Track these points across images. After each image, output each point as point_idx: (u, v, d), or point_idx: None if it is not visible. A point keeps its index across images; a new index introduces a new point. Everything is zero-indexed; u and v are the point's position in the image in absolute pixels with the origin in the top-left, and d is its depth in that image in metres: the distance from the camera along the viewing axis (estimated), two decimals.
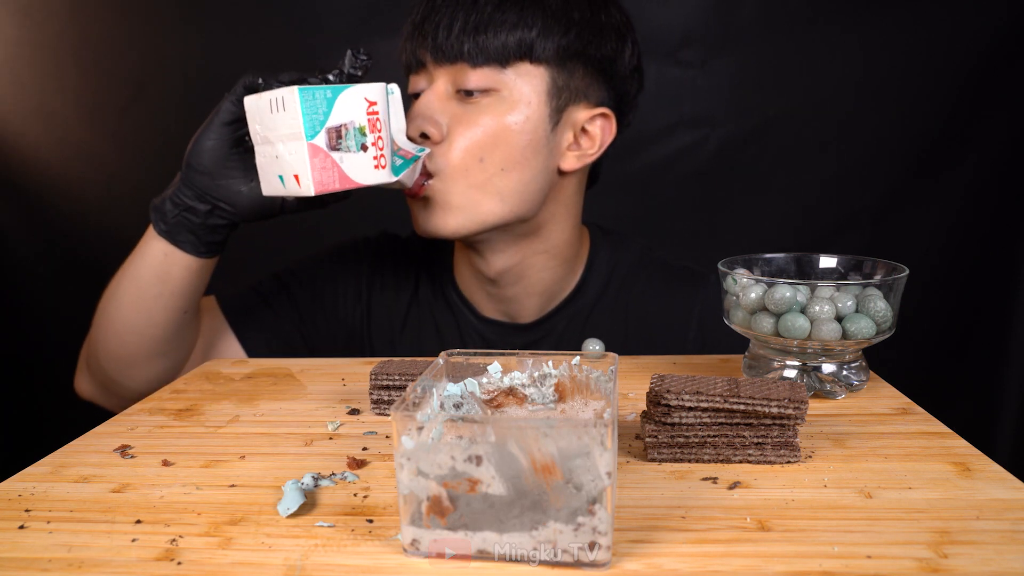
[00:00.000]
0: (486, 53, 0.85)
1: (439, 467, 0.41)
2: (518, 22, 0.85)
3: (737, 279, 0.69)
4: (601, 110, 0.92)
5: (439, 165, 0.86)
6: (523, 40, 0.85)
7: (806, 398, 0.54)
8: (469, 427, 0.41)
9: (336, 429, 0.64)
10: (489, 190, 0.87)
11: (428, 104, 0.86)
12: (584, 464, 0.40)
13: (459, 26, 0.84)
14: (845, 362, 0.69)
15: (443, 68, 0.86)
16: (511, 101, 0.86)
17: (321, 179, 0.73)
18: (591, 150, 0.93)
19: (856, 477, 0.53)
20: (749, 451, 0.55)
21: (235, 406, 0.71)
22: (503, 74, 0.85)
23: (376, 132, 0.76)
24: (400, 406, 0.44)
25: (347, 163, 0.75)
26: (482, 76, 0.85)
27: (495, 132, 0.86)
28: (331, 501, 0.51)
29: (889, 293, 0.66)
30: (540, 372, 0.55)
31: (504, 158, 0.87)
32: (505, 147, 0.87)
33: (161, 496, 0.52)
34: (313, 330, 1.02)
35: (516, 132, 0.87)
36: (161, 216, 0.82)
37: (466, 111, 0.86)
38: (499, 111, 0.86)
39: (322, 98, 0.73)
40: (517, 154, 0.87)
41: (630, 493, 0.51)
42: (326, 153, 0.73)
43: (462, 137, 0.85)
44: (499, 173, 0.87)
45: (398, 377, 0.67)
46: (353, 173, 0.75)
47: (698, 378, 0.57)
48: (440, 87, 0.87)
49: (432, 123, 0.85)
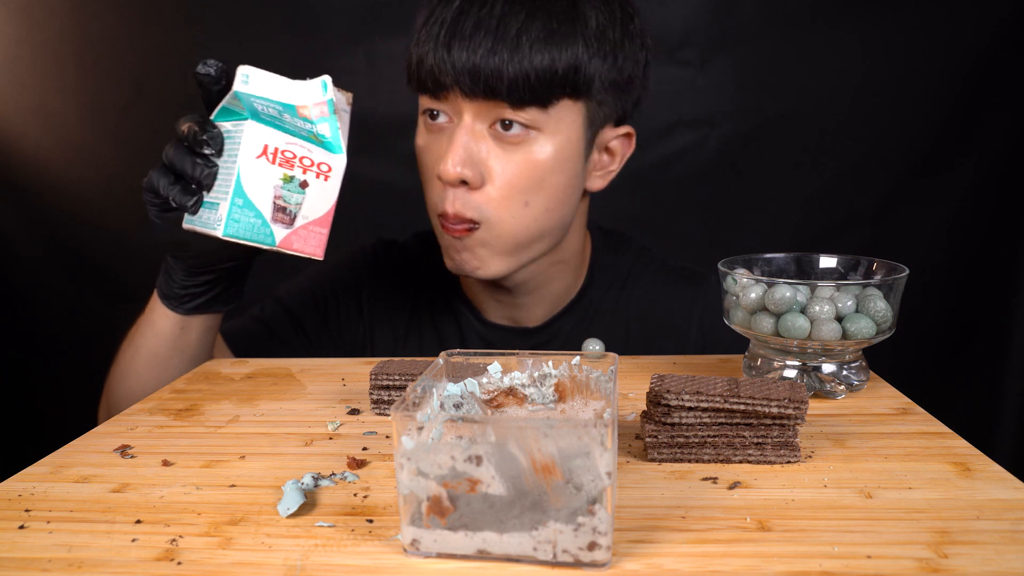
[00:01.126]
0: (529, 94, 0.79)
1: (439, 467, 0.41)
2: (561, 57, 0.79)
3: (737, 279, 0.69)
4: (626, 129, 0.91)
5: (484, 213, 0.82)
6: (568, 78, 0.80)
7: (806, 398, 0.54)
8: (469, 427, 0.41)
9: (336, 429, 0.64)
10: (534, 232, 0.86)
11: (465, 147, 0.81)
12: (584, 464, 0.40)
13: (498, 60, 0.78)
14: (845, 362, 0.69)
15: (476, 102, 0.80)
16: (552, 139, 0.82)
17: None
18: (612, 166, 0.92)
19: (856, 477, 0.53)
20: (749, 451, 0.55)
21: (235, 406, 0.71)
22: (545, 113, 0.81)
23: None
24: (400, 406, 0.44)
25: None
26: (523, 116, 0.80)
27: (538, 175, 0.83)
28: (331, 501, 0.51)
29: (889, 293, 0.66)
30: (540, 372, 0.55)
31: (547, 199, 0.84)
32: (549, 188, 0.84)
33: (161, 496, 0.52)
34: (321, 351, 1.01)
35: (558, 172, 0.84)
36: (179, 303, 0.82)
37: (505, 152, 0.81)
38: (541, 152, 0.82)
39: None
40: (560, 193, 0.86)
41: (630, 493, 0.51)
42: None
43: (506, 184, 0.82)
44: (543, 214, 0.85)
45: (398, 377, 0.67)
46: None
47: (698, 378, 0.57)
48: (470, 122, 0.81)
49: (471, 168, 0.81)
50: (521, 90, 0.78)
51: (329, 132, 0.72)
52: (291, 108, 0.71)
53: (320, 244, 0.74)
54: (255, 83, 0.70)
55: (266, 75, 0.71)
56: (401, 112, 0.95)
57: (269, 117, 0.70)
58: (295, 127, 0.71)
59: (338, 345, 1.03)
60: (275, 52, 1.55)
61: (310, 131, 0.72)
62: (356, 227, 1.65)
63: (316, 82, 0.72)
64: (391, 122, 1.51)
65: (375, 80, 1.53)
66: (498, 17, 0.78)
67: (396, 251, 1.08)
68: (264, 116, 0.70)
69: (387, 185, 1.57)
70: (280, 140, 0.71)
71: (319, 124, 0.72)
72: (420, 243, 1.07)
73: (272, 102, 0.70)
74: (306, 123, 0.71)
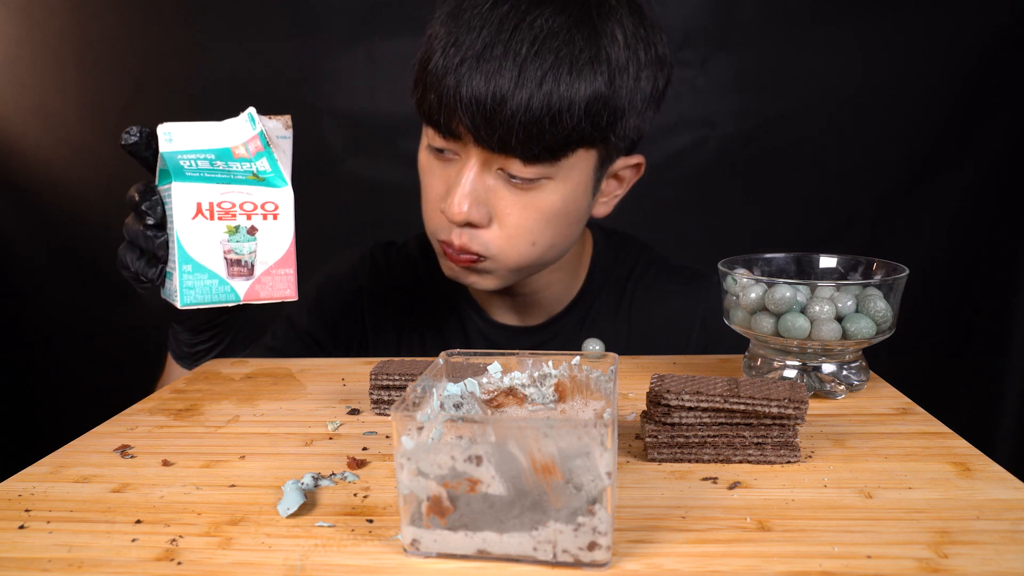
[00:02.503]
0: (542, 151, 0.76)
1: (439, 467, 0.41)
2: (584, 115, 0.74)
3: (737, 279, 0.69)
4: (637, 160, 0.89)
5: (491, 250, 0.82)
6: (586, 136, 0.77)
7: (806, 398, 0.54)
8: (469, 427, 0.41)
9: (336, 429, 0.64)
10: (539, 262, 0.87)
11: (473, 187, 0.79)
12: (584, 464, 0.40)
13: (511, 113, 0.73)
14: (845, 362, 0.69)
15: (484, 151, 0.78)
16: (562, 186, 0.81)
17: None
18: (619, 191, 0.92)
19: (856, 477, 0.53)
20: (749, 451, 0.55)
21: (235, 406, 0.70)
22: (556, 165, 0.79)
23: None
24: (400, 406, 0.44)
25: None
26: (534, 170, 0.78)
27: (546, 218, 0.82)
28: (331, 501, 0.51)
29: (889, 293, 0.66)
30: (540, 372, 0.55)
31: (554, 236, 0.84)
32: (556, 228, 0.84)
33: (161, 496, 0.52)
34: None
35: (564, 212, 0.83)
36: (191, 360, 0.87)
37: (513, 195, 0.80)
38: (549, 197, 0.81)
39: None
40: (566, 230, 0.86)
41: (630, 493, 0.51)
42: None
43: (514, 225, 0.81)
44: (548, 249, 0.86)
45: (398, 377, 0.67)
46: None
47: (698, 378, 0.57)
48: (476, 163, 0.79)
49: (478, 209, 0.79)
50: (531, 149, 0.76)
51: (268, 166, 0.71)
52: (226, 152, 0.70)
53: (289, 284, 0.73)
54: (179, 139, 0.69)
55: (190, 127, 0.69)
56: (402, 112, 0.95)
57: (198, 171, 0.68)
58: (232, 172, 0.69)
59: (348, 352, 1.04)
60: (275, 52, 1.55)
61: (249, 171, 0.70)
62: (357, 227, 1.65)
63: (242, 118, 0.71)
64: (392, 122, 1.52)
65: (376, 80, 1.53)
66: (521, 61, 0.73)
67: (395, 253, 1.08)
68: (192, 172, 0.68)
69: (388, 185, 1.57)
70: (214, 193, 0.69)
71: (256, 161, 0.71)
72: (420, 244, 1.07)
73: (202, 152, 0.69)
74: (244, 163, 0.70)
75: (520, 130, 0.74)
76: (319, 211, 1.60)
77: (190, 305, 0.69)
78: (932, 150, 1.52)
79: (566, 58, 0.73)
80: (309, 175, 0.92)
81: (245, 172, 0.70)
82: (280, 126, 0.73)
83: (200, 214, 0.68)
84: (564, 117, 0.74)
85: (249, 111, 0.72)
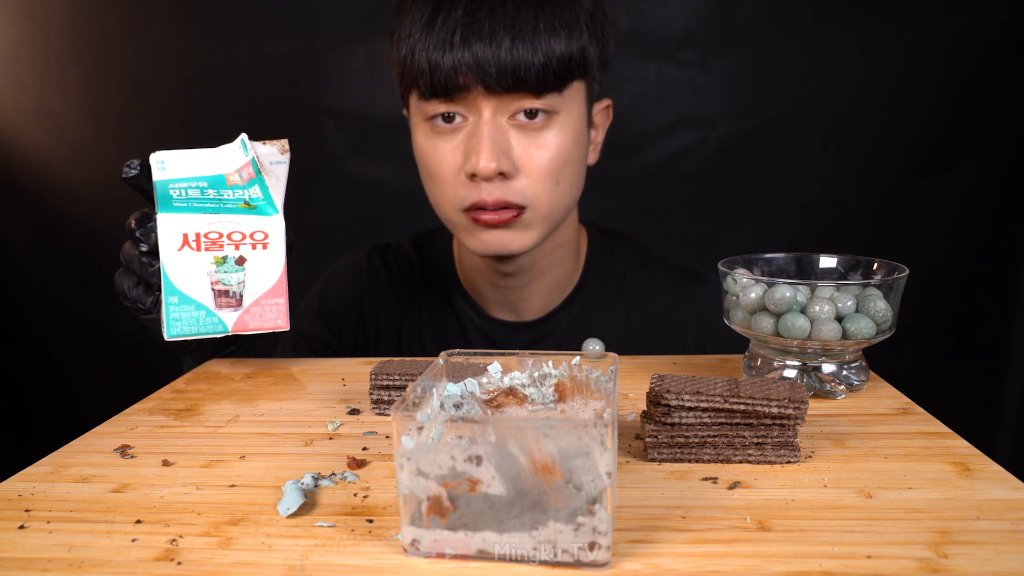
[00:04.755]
0: (553, 80, 0.83)
1: (439, 467, 0.41)
2: (572, 42, 0.83)
3: (737, 279, 0.69)
4: (607, 102, 0.96)
5: (527, 197, 0.86)
6: (579, 60, 0.84)
7: (806, 398, 0.54)
8: (469, 427, 0.41)
9: (336, 429, 0.64)
10: (566, 205, 0.91)
11: (493, 140, 0.83)
12: (584, 464, 0.40)
13: (522, 53, 0.81)
14: (845, 362, 0.69)
15: (496, 97, 0.83)
16: (568, 120, 0.86)
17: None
18: (598, 138, 0.97)
19: (856, 477, 0.53)
20: (749, 451, 0.55)
21: (235, 406, 0.71)
22: (561, 96, 0.85)
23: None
24: (400, 406, 0.44)
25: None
26: (544, 103, 0.84)
27: (562, 154, 0.86)
28: (331, 501, 0.51)
29: (889, 293, 0.66)
30: (540, 372, 0.55)
31: (571, 174, 0.89)
32: (571, 164, 0.88)
33: (161, 496, 0.52)
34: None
35: (576, 148, 0.88)
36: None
37: (530, 139, 0.85)
38: (561, 133, 0.86)
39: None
40: (579, 166, 0.90)
41: (630, 493, 0.51)
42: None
43: (536, 168, 0.85)
44: (570, 188, 0.90)
45: (398, 377, 0.67)
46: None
47: (698, 378, 0.57)
48: (491, 116, 0.83)
49: (506, 160, 0.84)
50: (545, 78, 0.82)
51: (260, 193, 0.70)
52: (219, 179, 0.69)
53: (280, 314, 0.72)
54: (172, 167, 0.69)
55: (183, 154, 0.69)
56: (401, 112, 0.95)
57: (187, 201, 0.68)
58: (223, 200, 0.69)
59: (355, 353, 1.05)
60: (275, 52, 1.55)
61: (241, 198, 0.70)
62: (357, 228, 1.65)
63: (235, 145, 0.71)
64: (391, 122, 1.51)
65: (375, 80, 1.54)
66: (511, 14, 0.81)
67: (391, 254, 1.10)
68: (180, 202, 0.68)
69: (388, 185, 1.57)
70: (201, 223, 0.69)
71: (249, 188, 0.70)
72: (414, 244, 1.09)
73: (194, 180, 0.69)
74: (236, 190, 0.70)
75: (532, 68, 0.81)
76: (319, 211, 1.60)
77: (176, 337, 0.69)
78: (932, 150, 1.52)
79: (548, 6, 0.82)
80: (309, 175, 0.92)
81: (236, 200, 0.70)
82: (275, 151, 0.73)
83: (186, 245, 0.68)
84: (563, 39, 0.82)
85: (241, 138, 0.71)
